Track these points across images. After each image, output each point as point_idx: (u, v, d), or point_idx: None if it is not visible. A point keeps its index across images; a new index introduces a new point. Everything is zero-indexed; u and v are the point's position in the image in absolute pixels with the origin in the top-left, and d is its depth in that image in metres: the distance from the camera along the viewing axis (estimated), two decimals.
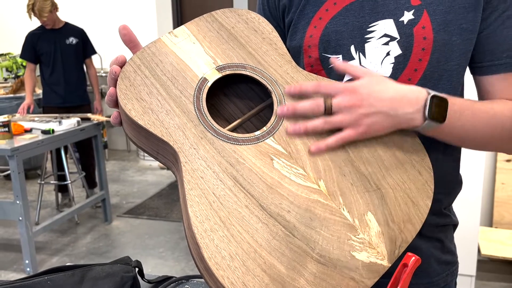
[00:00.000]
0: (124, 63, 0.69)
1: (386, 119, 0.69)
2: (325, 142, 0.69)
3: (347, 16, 0.82)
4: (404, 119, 0.70)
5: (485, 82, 0.83)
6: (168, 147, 0.66)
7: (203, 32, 0.74)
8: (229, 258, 0.58)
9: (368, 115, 0.69)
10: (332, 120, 0.69)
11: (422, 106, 0.70)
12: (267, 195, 0.64)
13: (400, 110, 0.69)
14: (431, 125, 0.71)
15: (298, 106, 0.69)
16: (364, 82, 0.71)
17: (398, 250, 0.68)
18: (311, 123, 0.69)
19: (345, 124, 0.69)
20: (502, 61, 0.80)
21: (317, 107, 0.69)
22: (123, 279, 0.85)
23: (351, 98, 0.69)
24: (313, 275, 0.61)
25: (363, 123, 0.69)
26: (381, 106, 0.69)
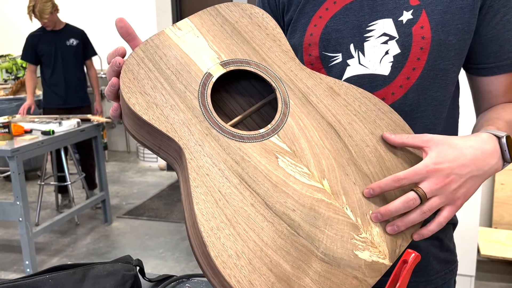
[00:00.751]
0: (124, 55, 0.68)
1: (477, 181, 0.70)
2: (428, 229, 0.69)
3: (347, 15, 0.83)
4: (491, 171, 0.71)
5: (487, 82, 0.85)
6: (172, 143, 0.65)
7: (207, 25, 0.73)
8: (235, 257, 0.58)
9: (461, 187, 0.68)
10: (430, 208, 0.67)
11: (501, 153, 0.72)
12: (272, 194, 0.64)
13: (486, 166, 0.70)
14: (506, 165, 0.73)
15: (392, 209, 0.66)
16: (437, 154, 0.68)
17: (399, 249, 0.68)
18: (409, 219, 0.67)
19: (443, 204, 0.68)
20: (504, 63, 0.83)
21: (413, 203, 0.66)
22: (124, 278, 0.85)
23: (438, 179, 0.67)
24: (318, 273, 0.61)
25: (459, 196, 0.68)
26: (469, 172, 0.68)
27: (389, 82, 0.80)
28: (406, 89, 0.80)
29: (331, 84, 0.75)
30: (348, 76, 0.82)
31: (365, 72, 0.81)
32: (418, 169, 0.67)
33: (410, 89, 0.80)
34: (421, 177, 0.67)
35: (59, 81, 3.97)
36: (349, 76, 0.82)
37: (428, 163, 0.67)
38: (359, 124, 0.73)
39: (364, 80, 0.81)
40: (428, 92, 0.81)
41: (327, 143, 0.70)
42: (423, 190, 0.66)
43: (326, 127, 0.71)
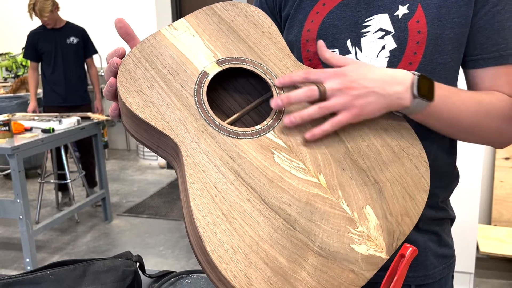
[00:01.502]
0: (123, 56, 0.69)
1: (378, 99, 0.70)
2: (320, 127, 0.69)
3: (344, 11, 0.83)
4: (394, 98, 0.71)
5: (474, 75, 0.84)
6: (169, 141, 0.66)
7: (202, 25, 0.74)
8: (231, 251, 0.59)
9: (360, 96, 0.69)
10: (327, 105, 0.69)
11: (410, 84, 0.71)
12: (268, 189, 0.64)
13: (391, 89, 0.70)
14: (420, 104, 0.72)
15: (292, 95, 0.69)
16: (351, 66, 0.72)
17: (396, 243, 0.69)
18: (306, 111, 0.69)
19: (339, 107, 0.69)
20: (491, 55, 0.81)
21: (311, 92, 0.69)
22: (124, 273, 0.86)
23: (342, 81, 0.69)
24: (314, 267, 0.62)
25: (356, 104, 0.69)
26: (373, 86, 0.70)
27: None
28: None
29: None
30: None
31: None
32: (327, 70, 0.71)
33: None
34: (327, 76, 0.70)
35: (59, 79, 3.98)
36: None
37: (340, 68, 0.71)
38: None
39: None
40: None
41: (323, 138, 0.71)
42: (325, 86, 0.69)
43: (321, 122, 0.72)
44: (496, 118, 0.78)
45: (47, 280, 0.83)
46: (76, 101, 4.06)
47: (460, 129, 0.79)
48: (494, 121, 0.78)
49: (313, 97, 0.69)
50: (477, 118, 0.77)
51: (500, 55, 0.80)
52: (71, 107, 4.00)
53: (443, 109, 0.75)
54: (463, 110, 0.76)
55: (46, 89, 4.07)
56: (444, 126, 0.79)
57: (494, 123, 0.78)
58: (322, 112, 0.69)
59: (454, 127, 0.78)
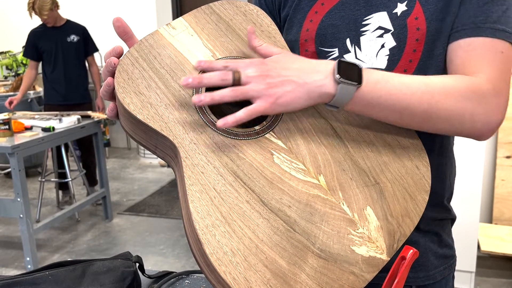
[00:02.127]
0: (121, 55, 0.69)
1: (295, 88, 0.66)
2: (234, 115, 0.65)
3: (343, 10, 0.83)
4: (314, 87, 0.66)
5: (449, 50, 0.78)
6: (167, 142, 0.65)
7: (201, 24, 0.74)
8: (231, 254, 0.58)
9: (276, 84, 0.66)
10: (240, 88, 0.65)
11: (331, 71, 0.66)
12: (267, 190, 0.64)
13: (308, 77, 0.66)
14: (347, 90, 0.66)
15: (205, 76, 0.65)
16: (274, 57, 0.69)
17: (396, 244, 0.68)
18: (218, 92, 0.65)
19: (253, 94, 0.65)
20: (467, 26, 0.75)
21: (225, 75, 0.66)
22: (123, 274, 0.86)
23: (258, 69, 0.67)
24: (314, 269, 0.62)
25: (271, 92, 0.65)
26: (288, 75, 0.66)
27: None
28: None
29: None
30: None
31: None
32: (247, 59, 0.69)
33: None
34: (245, 65, 0.67)
35: (60, 77, 3.97)
36: None
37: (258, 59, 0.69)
38: (355, 119, 0.73)
39: None
40: None
41: (323, 139, 0.70)
42: (240, 73, 0.66)
43: (322, 123, 0.72)
44: (454, 99, 0.70)
45: (46, 281, 0.82)
46: (77, 100, 4.05)
47: (412, 115, 0.71)
48: (453, 103, 0.70)
49: (227, 81, 0.66)
50: (428, 100, 0.70)
51: (477, 27, 0.74)
52: (72, 105, 3.99)
53: (379, 92, 0.68)
54: (407, 92, 0.69)
55: (46, 88, 4.06)
56: (390, 114, 0.71)
57: (453, 104, 0.70)
58: (234, 95, 0.65)
59: (402, 114, 0.70)
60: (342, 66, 0.66)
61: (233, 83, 0.66)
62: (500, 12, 0.74)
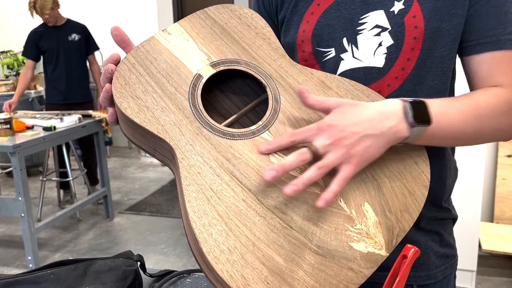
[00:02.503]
0: (118, 61, 0.70)
1: (374, 141, 0.67)
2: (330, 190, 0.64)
3: (339, 9, 0.83)
4: (391, 134, 0.68)
5: (471, 62, 0.81)
6: (164, 144, 0.66)
7: (196, 29, 0.75)
8: (227, 252, 0.59)
9: (355, 144, 0.66)
10: (324, 164, 0.64)
11: (403, 114, 0.68)
12: (264, 189, 0.64)
13: (382, 125, 0.67)
14: (420, 130, 0.69)
15: (286, 164, 0.64)
16: (334, 114, 0.68)
17: (395, 240, 0.68)
18: (306, 176, 0.64)
19: (337, 162, 0.65)
20: (488, 40, 0.78)
21: (304, 156, 0.64)
22: (125, 273, 0.86)
23: (330, 134, 0.65)
24: (312, 266, 0.62)
25: (353, 153, 0.66)
26: (363, 130, 0.66)
27: (384, 74, 0.80)
28: (402, 80, 0.80)
29: (322, 78, 0.76)
30: (343, 70, 0.82)
31: (359, 65, 0.81)
32: (310, 126, 0.67)
33: (406, 79, 0.80)
34: (313, 133, 0.66)
35: (61, 76, 3.97)
36: (343, 70, 0.82)
37: (322, 121, 0.67)
38: None
39: (359, 73, 0.81)
40: (424, 82, 0.81)
41: None
42: (315, 145, 0.65)
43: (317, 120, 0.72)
44: (496, 117, 0.76)
45: (48, 280, 0.83)
46: (78, 99, 4.05)
47: (465, 138, 0.77)
48: (496, 120, 0.76)
49: (307, 160, 0.65)
50: (478, 123, 0.75)
51: (498, 40, 0.77)
52: (73, 104, 4.00)
53: (443, 126, 0.72)
54: (463, 120, 0.74)
55: (48, 87, 4.07)
56: (450, 141, 0.78)
57: (496, 122, 0.76)
58: (322, 172, 0.64)
59: (458, 139, 0.76)
60: (413, 107, 0.69)
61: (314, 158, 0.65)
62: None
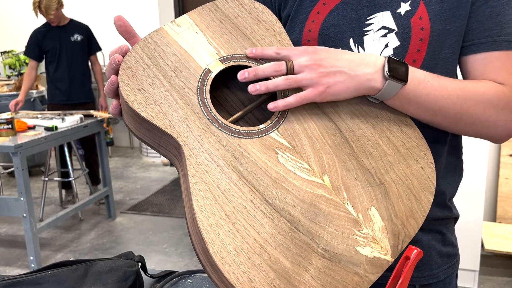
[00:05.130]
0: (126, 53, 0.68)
1: (346, 79, 0.70)
2: (284, 99, 0.69)
3: (345, 10, 0.82)
4: (364, 80, 0.70)
5: (465, 62, 0.81)
6: (171, 140, 0.65)
7: (206, 21, 0.73)
8: (234, 253, 0.58)
9: (328, 74, 0.69)
10: (293, 77, 0.69)
11: (381, 66, 0.70)
12: (272, 190, 0.63)
13: (359, 69, 0.70)
14: (393, 86, 0.70)
15: (259, 69, 0.69)
16: (323, 47, 0.72)
17: (401, 245, 0.68)
18: (272, 80, 0.69)
19: (306, 83, 0.69)
20: (483, 40, 0.78)
21: (279, 67, 0.69)
22: (126, 274, 0.85)
23: (311, 58, 0.69)
24: (318, 270, 0.61)
25: (323, 82, 0.69)
26: (340, 65, 0.69)
27: None
28: None
29: None
30: None
31: None
32: (299, 47, 0.72)
33: None
34: (297, 53, 0.70)
35: (63, 77, 3.97)
36: None
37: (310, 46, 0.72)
38: (360, 119, 0.73)
39: None
40: None
41: (327, 138, 0.70)
42: (293, 62, 0.70)
43: (326, 122, 0.71)
44: (483, 105, 0.75)
45: (49, 281, 0.82)
46: (80, 99, 4.06)
47: (444, 116, 0.76)
48: (481, 108, 0.75)
49: (281, 71, 0.69)
50: (461, 104, 0.74)
51: (493, 40, 0.78)
52: (75, 104, 4.00)
53: (420, 92, 0.73)
54: (444, 95, 0.74)
55: (50, 87, 4.07)
56: (425, 113, 0.75)
57: (482, 110, 0.75)
58: (288, 84, 0.69)
59: (436, 114, 0.75)
60: (391, 63, 0.70)
61: (287, 73, 0.69)
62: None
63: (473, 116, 0.76)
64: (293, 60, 0.70)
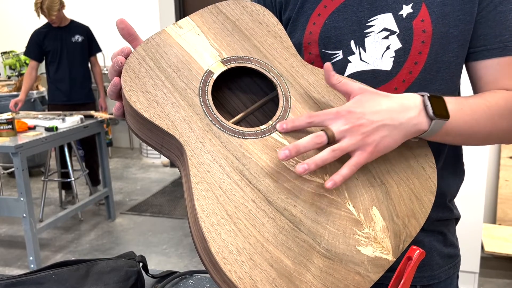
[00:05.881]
0: (128, 55, 0.69)
1: (392, 131, 0.67)
2: (340, 174, 0.65)
3: (346, 12, 0.82)
4: (410, 126, 0.68)
5: (477, 67, 0.81)
6: (173, 140, 0.65)
7: (207, 23, 0.74)
8: (236, 253, 0.58)
9: (372, 132, 0.65)
10: (339, 147, 0.64)
11: (423, 107, 0.68)
12: (273, 190, 0.64)
13: (402, 117, 0.67)
14: (438, 124, 0.69)
15: (301, 145, 0.64)
16: (354, 101, 0.68)
17: (402, 245, 0.68)
18: (319, 156, 0.64)
19: (352, 148, 0.65)
20: (495, 46, 0.78)
21: (319, 139, 0.64)
22: (127, 274, 0.86)
23: (349, 120, 0.65)
24: (320, 269, 0.61)
25: (369, 141, 0.65)
26: (382, 119, 0.66)
27: (392, 77, 0.80)
28: (409, 84, 0.80)
29: None
30: (350, 73, 0.82)
31: (367, 68, 0.81)
32: (330, 111, 0.67)
33: (413, 83, 0.80)
34: (331, 118, 0.66)
35: (64, 77, 3.98)
36: (351, 73, 0.82)
37: (341, 107, 0.67)
38: None
39: (366, 76, 0.81)
40: (431, 86, 0.80)
41: None
42: (332, 129, 0.65)
43: None
44: (508, 117, 0.76)
45: (50, 280, 0.82)
46: (81, 99, 4.06)
47: (477, 138, 0.77)
48: (506, 122, 0.76)
49: (322, 143, 0.65)
50: (490, 123, 0.75)
51: (505, 46, 0.78)
52: (76, 105, 4.01)
53: (459, 122, 0.72)
54: (476, 119, 0.74)
55: (50, 88, 4.08)
56: (463, 139, 0.77)
57: (506, 123, 0.76)
58: (336, 155, 0.64)
59: (471, 137, 0.76)
60: (432, 101, 0.68)
61: (329, 143, 0.65)
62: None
63: (500, 131, 0.77)
64: (329, 126, 0.65)
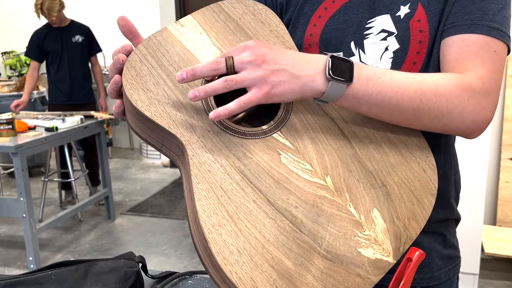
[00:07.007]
0: (130, 53, 0.68)
1: (290, 80, 0.63)
2: (225, 107, 0.61)
3: (346, 14, 0.82)
4: (306, 81, 0.64)
5: (443, 46, 0.77)
6: (174, 140, 0.65)
7: (209, 22, 0.73)
8: (237, 253, 0.58)
9: (272, 73, 0.62)
10: (234, 78, 0.61)
11: (323, 67, 0.64)
12: (274, 190, 0.63)
13: (302, 69, 0.64)
14: (337, 87, 0.65)
15: (197, 68, 0.62)
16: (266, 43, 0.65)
17: (403, 247, 0.68)
18: (210, 84, 0.61)
19: (248, 83, 0.62)
20: (462, 22, 0.74)
21: (217, 65, 0.62)
22: (126, 274, 0.85)
23: (253, 53, 0.62)
24: (320, 271, 0.61)
25: (268, 81, 0.62)
26: (286, 63, 0.63)
27: None
28: None
29: None
30: None
31: None
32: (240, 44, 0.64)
33: None
34: (239, 50, 0.64)
35: (64, 77, 3.98)
36: None
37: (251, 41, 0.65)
38: (363, 121, 0.73)
39: None
40: None
41: (330, 140, 0.70)
42: (233, 58, 0.62)
43: (329, 124, 0.71)
44: (445, 97, 0.69)
45: (49, 281, 0.82)
46: (81, 100, 4.06)
47: (402, 113, 0.70)
48: (444, 101, 0.69)
49: (219, 69, 0.62)
50: (419, 98, 0.69)
51: (473, 23, 0.73)
52: (76, 105, 4.01)
53: (370, 91, 0.67)
54: (399, 91, 0.68)
55: (51, 88, 4.08)
56: (380, 112, 0.70)
57: (444, 103, 0.70)
58: (227, 86, 0.61)
59: (392, 112, 0.69)
60: (334, 62, 0.64)
61: (227, 71, 0.62)
62: (496, 10, 0.74)
63: (434, 110, 0.70)
64: (233, 56, 0.63)
